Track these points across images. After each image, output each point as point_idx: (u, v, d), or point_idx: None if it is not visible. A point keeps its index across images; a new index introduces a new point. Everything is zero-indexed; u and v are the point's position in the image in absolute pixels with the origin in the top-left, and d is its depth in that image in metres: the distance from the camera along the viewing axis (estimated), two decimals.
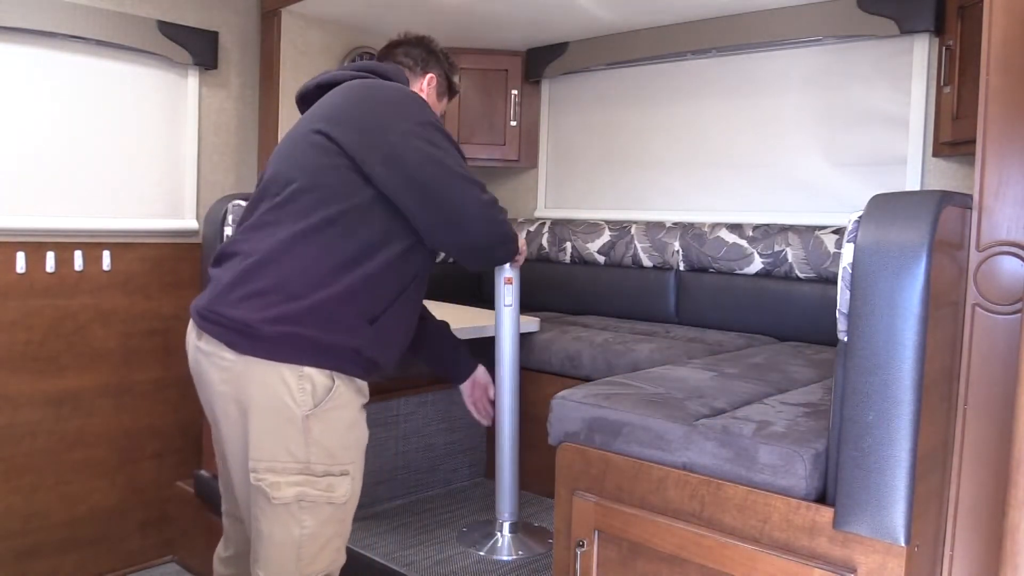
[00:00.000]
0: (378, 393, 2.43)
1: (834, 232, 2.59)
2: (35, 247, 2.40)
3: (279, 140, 1.79)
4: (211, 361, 1.46)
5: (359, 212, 1.48)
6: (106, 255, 2.56)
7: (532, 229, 3.39)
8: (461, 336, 2.20)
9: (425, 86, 1.80)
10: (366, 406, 1.59)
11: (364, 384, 1.57)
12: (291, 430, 1.42)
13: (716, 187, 3.00)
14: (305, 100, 1.69)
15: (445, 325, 2.05)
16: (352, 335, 1.47)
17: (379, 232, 1.49)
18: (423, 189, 1.49)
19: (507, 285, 2.15)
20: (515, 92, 3.44)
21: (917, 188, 2.52)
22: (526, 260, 2.23)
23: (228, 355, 1.42)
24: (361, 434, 1.57)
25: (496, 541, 2.22)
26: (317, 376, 1.44)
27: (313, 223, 1.44)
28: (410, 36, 1.85)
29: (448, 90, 1.87)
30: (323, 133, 1.49)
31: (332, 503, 1.48)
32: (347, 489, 1.51)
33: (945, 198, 1.29)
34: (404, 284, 1.56)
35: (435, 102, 1.82)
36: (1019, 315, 1.33)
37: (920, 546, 1.33)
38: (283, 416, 1.42)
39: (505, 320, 2.17)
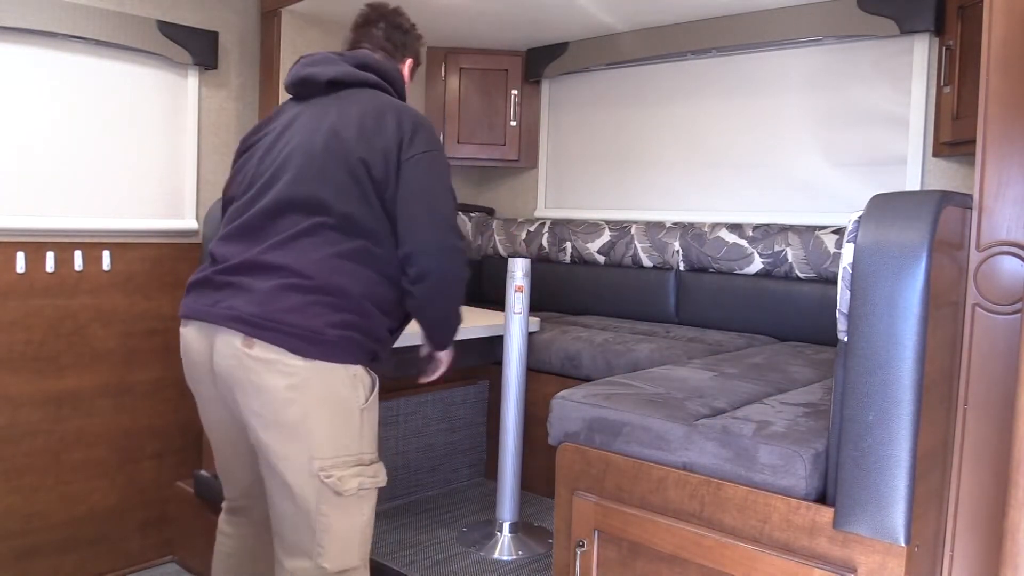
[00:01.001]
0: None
1: (834, 232, 2.59)
2: (35, 247, 2.40)
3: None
4: (272, 368, 1.47)
5: (386, 238, 1.58)
6: (106, 255, 2.55)
7: (532, 229, 3.39)
8: (470, 335, 2.34)
9: (405, 71, 1.85)
10: None
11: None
12: (350, 425, 1.53)
13: (716, 187, 3.00)
14: (307, 87, 1.68)
15: None
16: (379, 344, 1.60)
17: (395, 255, 1.60)
18: (408, 205, 1.57)
19: (518, 293, 2.19)
20: (515, 92, 3.44)
21: (917, 188, 2.52)
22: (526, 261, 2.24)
23: (294, 361, 1.47)
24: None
25: (496, 541, 2.23)
26: (362, 373, 1.56)
27: (354, 247, 1.54)
28: (386, 9, 1.84)
29: (416, 65, 1.92)
30: (364, 162, 1.55)
31: (378, 487, 1.60)
32: (384, 473, 1.61)
33: (945, 198, 1.29)
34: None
35: (408, 81, 1.89)
36: (1019, 315, 1.33)
37: (920, 546, 1.33)
38: (345, 413, 1.52)
39: (514, 326, 2.21)
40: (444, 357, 1.89)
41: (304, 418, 1.48)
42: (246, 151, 1.72)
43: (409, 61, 1.86)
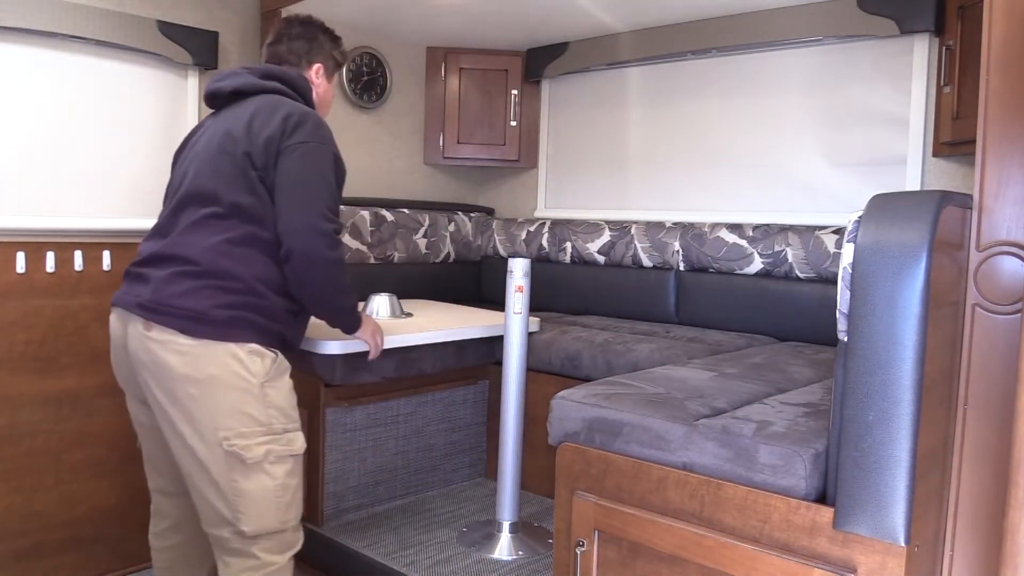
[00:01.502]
0: (378, 393, 2.44)
1: (834, 232, 2.59)
2: (35, 247, 2.40)
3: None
4: (168, 348, 1.63)
5: (274, 224, 1.70)
6: (106, 255, 2.55)
7: (532, 229, 3.39)
8: (469, 336, 2.42)
9: (314, 77, 1.96)
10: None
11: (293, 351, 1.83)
12: (251, 398, 1.65)
13: (716, 187, 3.00)
14: (216, 99, 1.85)
15: None
16: (281, 324, 1.72)
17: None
18: (282, 190, 1.69)
19: (518, 293, 2.19)
20: (515, 92, 3.44)
21: (917, 188, 2.52)
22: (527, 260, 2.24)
23: (185, 340, 1.62)
24: (295, 397, 1.78)
25: (496, 541, 2.23)
26: (260, 350, 1.67)
27: (243, 233, 1.68)
28: (293, 24, 1.97)
29: (336, 66, 2.03)
30: (248, 155, 1.69)
31: (293, 455, 1.71)
32: (301, 442, 1.74)
33: (945, 198, 1.29)
34: None
35: (326, 86, 2.00)
36: (1019, 315, 1.33)
37: (920, 546, 1.33)
38: (242, 386, 1.64)
39: (514, 327, 2.21)
40: (366, 338, 2.00)
41: (201, 393, 1.62)
42: (176, 163, 1.91)
43: (317, 66, 1.96)
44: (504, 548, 2.20)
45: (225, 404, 1.62)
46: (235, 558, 1.70)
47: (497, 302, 3.30)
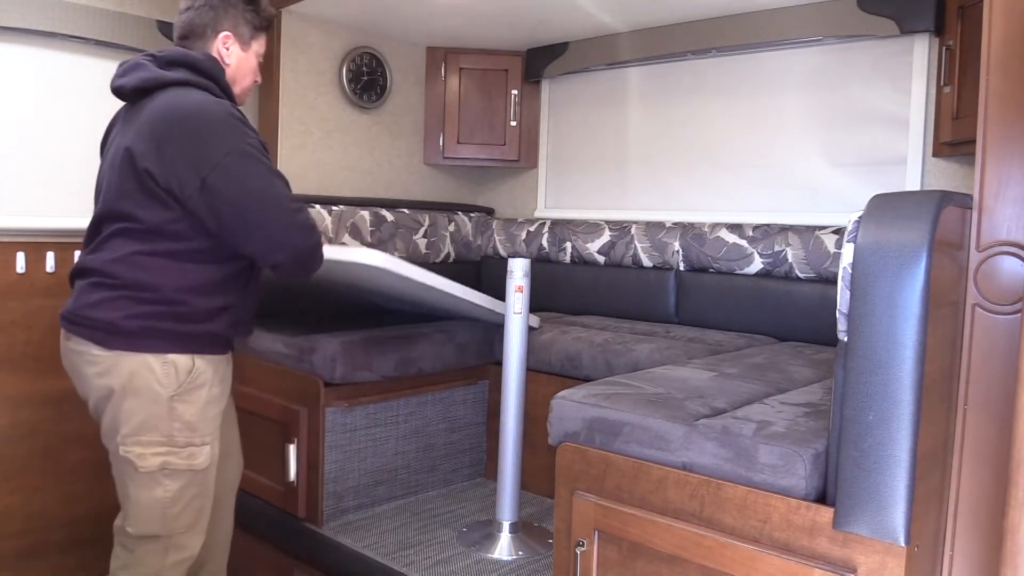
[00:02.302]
0: (378, 393, 2.44)
1: (834, 232, 2.59)
2: (35, 247, 2.40)
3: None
4: (83, 359, 1.66)
5: (195, 235, 1.62)
6: None
7: (532, 229, 3.39)
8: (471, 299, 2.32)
9: (221, 48, 1.74)
10: (233, 374, 1.84)
11: (225, 358, 1.77)
12: (157, 409, 1.63)
13: (716, 187, 3.00)
14: (122, 96, 1.71)
15: None
16: (209, 322, 1.67)
17: (207, 243, 1.64)
18: (239, 219, 1.59)
19: (518, 293, 2.19)
20: (515, 92, 3.44)
21: (917, 188, 2.52)
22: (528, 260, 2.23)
23: (97, 351, 1.63)
24: (217, 407, 1.74)
25: (496, 541, 2.23)
26: (180, 360, 1.64)
27: (158, 247, 1.62)
28: None
29: (255, 28, 1.78)
30: (148, 173, 1.58)
31: (193, 469, 1.69)
32: (207, 456, 1.71)
33: (945, 198, 1.29)
34: (246, 275, 1.74)
35: (240, 55, 1.77)
36: (1019, 315, 1.33)
37: (920, 546, 1.33)
38: (150, 398, 1.63)
39: (514, 326, 2.21)
40: None
41: (110, 400, 1.64)
42: (101, 156, 1.82)
43: (224, 35, 1.73)
44: (504, 548, 2.20)
45: (130, 412, 1.62)
46: (120, 549, 1.74)
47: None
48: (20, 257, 2.37)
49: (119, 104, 1.67)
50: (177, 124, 1.58)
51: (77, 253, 2.48)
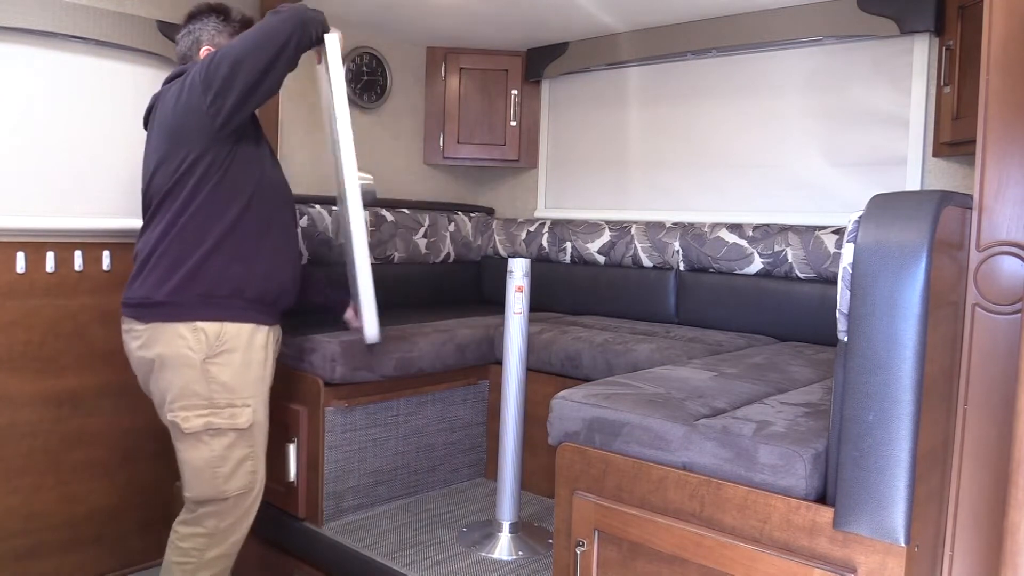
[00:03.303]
0: (378, 393, 2.44)
1: (834, 232, 2.59)
2: (35, 247, 2.40)
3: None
4: (130, 335, 1.89)
5: (194, 191, 1.82)
6: (106, 255, 2.55)
7: (532, 229, 3.39)
8: None
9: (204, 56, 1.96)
10: (279, 350, 2.04)
11: (261, 328, 1.92)
12: (192, 373, 1.81)
13: (716, 187, 3.00)
14: (147, 122, 2.02)
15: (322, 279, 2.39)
16: (234, 288, 1.84)
17: (214, 197, 1.83)
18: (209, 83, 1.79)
19: (518, 293, 2.19)
20: (515, 92, 3.44)
21: (917, 188, 2.52)
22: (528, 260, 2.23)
23: (138, 326, 1.86)
24: (256, 372, 1.90)
25: (496, 541, 2.23)
26: (209, 327, 1.82)
27: (170, 218, 1.83)
28: (186, 21, 2.04)
29: (231, 34, 2.00)
30: (161, 158, 1.85)
31: (236, 428, 1.85)
32: (248, 416, 1.87)
33: (945, 198, 1.29)
34: (263, 222, 1.91)
35: None
36: (1019, 315, 1.33)
37: (920, 546, 1.33)
38: (185, 363, 1.81)
39: (514, 326, 2.21)
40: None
41: (153, 369, 1.85)
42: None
43: (204, 49, 1.98)
44: (504, 548, 2.20)
45: (171, 379, 1.82)
46: (183, 511, 1.93)
47: (497, 302, 3.30)
48: (20, 257, 2.37)
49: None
50: (168, 95, 1.89)
51: (77, 253, 2.49)
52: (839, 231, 2.59)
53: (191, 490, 1.88)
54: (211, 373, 1.82)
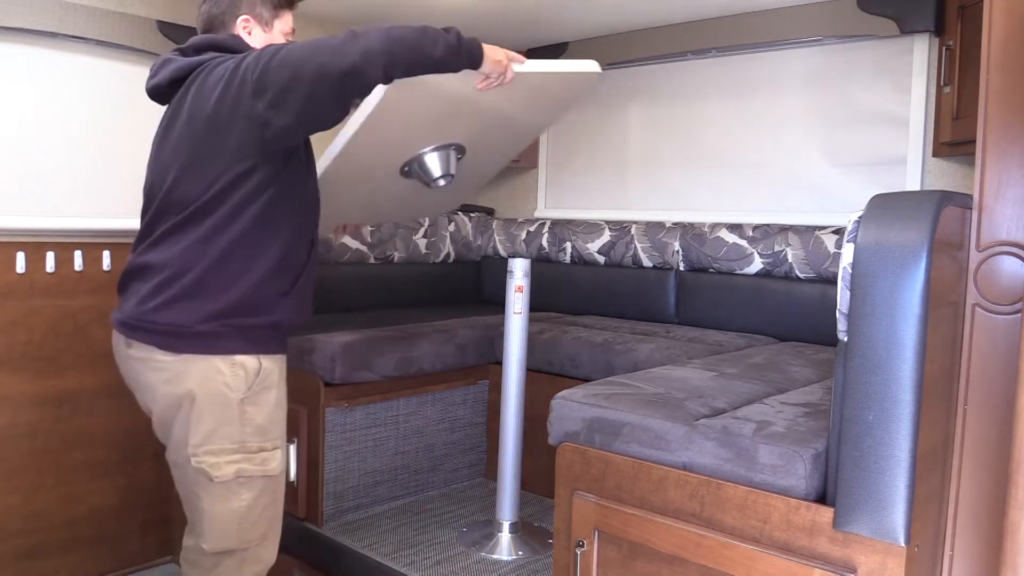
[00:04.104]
0: (378, 393, 2.44)
1: (834, 232, 2.59)
2: (35, 247, 2.40)
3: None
4: (147, 365, 1.58)
5: (240, 207, 1.54)
6: (106, 255, 2.55)
7: (532, 229, 3.39)
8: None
9: (242, 33, 1.69)
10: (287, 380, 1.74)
11: (284, 356, 1.69)
12: (228, 414, 1.56)
13: (716, 187, 3.00)
14: (159, 95, 1.67)
15: None
16: (272, 313, 1.60)
17: (263, 221, 1.56)
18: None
19: (518, 293, 2.19)
20: None
21: (917, 188, 2.52)
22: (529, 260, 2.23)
23: (163, 357, 1.55)
24: (283, 410, 1.69)
25: (496, 541, 2.23)
26: (248, 361, 1.58)
27: (204, 235, 1.53)
28: None
29: (275, 6, 1.71)
30: (190, 157, 1.54)
31: (266, 475, 1.62)
32: (279, 461, 1.65)
33: (945, 198, 1.29)
34: (306, 250, 1.67)
35: (264, 37, 1.70)
36: (1019, 315, 1.33)
37: (920, 546, 1.33)
38: (220, 402, 1.56)
39: (514, 326, 2.21)
40: (488, 60, 1.65)
41: (179, 409, 1.56)
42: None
43: (243, 18, 1.68)
44: (504, 548, 2.20)
45: (201, 420, 1.55)
46: (191, 569, 1.68)
47: (497, 302, 3.30)
48: (20, 257, 2.37)
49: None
50: (201, 107, 1.54)
51: (78, 253, 2.49)
52: (839, 231, 2.59)
53: (212, 543, 1.62)
54: (248, 414, 1.58)
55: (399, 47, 1.50)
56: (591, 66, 1.88)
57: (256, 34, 1.69)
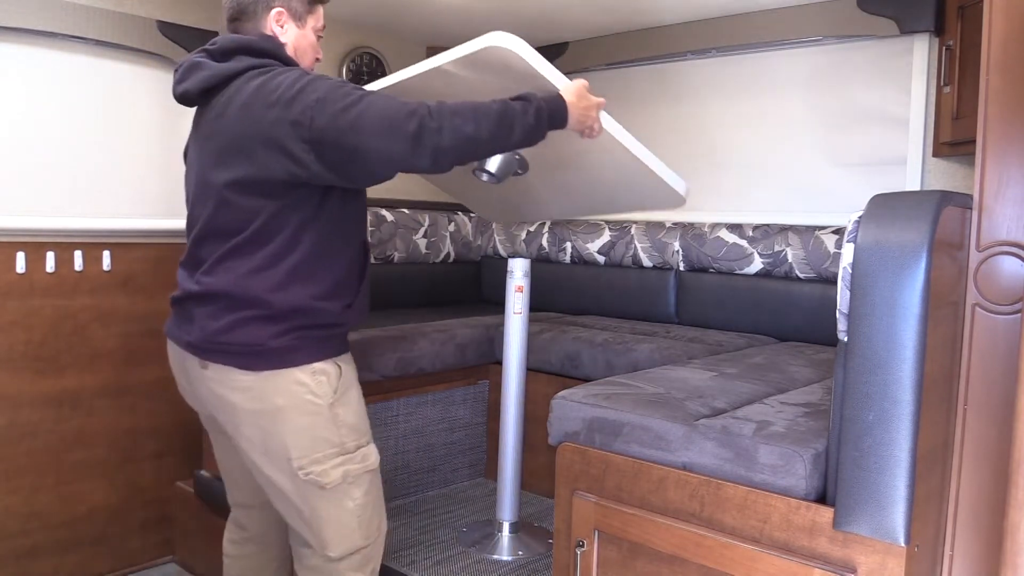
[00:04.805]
0: (378, 393, 2.43)
1: (834, 232, 2.59)
2: (35, 247, 2.40)
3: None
4: (227, 387, 1.54)
5: (300, 230, 1.51)
6: (106, 255, 2.55)
7: (532, 229, 3.39)
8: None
9: (275, 26, 1.60)
10: None
11: (350, 353, 1.68)
12: (321, 421, 1.55)
13: (716, 187, 3.00)
14: (188, 101, 1.61)
15: None
16: (342, 321, 1.60)
17: (325, 234, 1.54)
18: (350, 152, 1.42)
19: (518, 293, 2.19)
20: None
21: (917, 188, 2.52)
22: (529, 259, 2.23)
23: (243, 376, 1.52)
24: (364, 404, 1.68)
25: (496, 541, 2.23)
26: (327, 367, 1.56)
27: (268, 259, 1.50)
28: None
29: (309, 1, 1.64)
30: (237, 182, 1.48)
31: (368, 470, 1.62)
32: (376, 454, 1.64)
33: (945, 198, 1.29)
34: (366, 255, 1.66)
35: (297, 32, 1.63)
36: (1019, 315, 1.33)
37: (920, 546, 1.33)
38: (311, 411, 1.54)
39: (514, 326, 2.21)
40: (574, 116, 1.73)
41: (271, 426, 1.53)
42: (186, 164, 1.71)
43: (277, 11, 1.58)
44: (504, 548, 2.20)
45: (297, 432, 1.53)
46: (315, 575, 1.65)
47: (497, 302, 3.29)
48: (20, 257, 2.37)
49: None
50: (255, 111, 1.46)
51: (77, 253, 2.49)
52: (839, 231, 2.59)
53: (337, 547, 1.60)
54: (340, 417, 1.57)
55: (471, 146, 1.48)
56: (680, 187, 2.00)
57: (289, 29, 1.62)
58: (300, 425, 1.53)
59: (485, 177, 1.86)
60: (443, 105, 1.46)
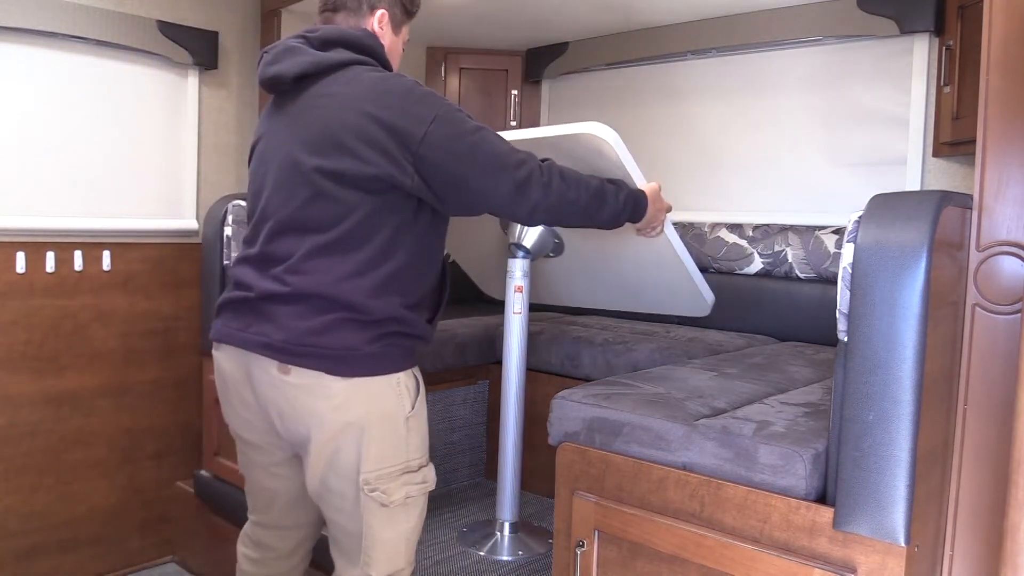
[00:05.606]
0: None
1: (834, 232, 2.59)
2: (35, 247, 2.40)
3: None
4: (313, 393, 1.45)
5: (397, 236, 1.47)
6: (106, 255, 2.56)
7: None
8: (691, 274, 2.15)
9: (376, 28, 1.59)
10: None
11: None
12: (395, 435, 1.50)
13: (716, 187, 3.00)
14: (279, 85, 1.54)
15: None
16: (422, 332, 1.55)
17: (418, 245, 1.51)
18: (458, 190, 1.46)
19: (518, 293, 2.19)
20: (515, 92, 3.44)
21: (917, 188, 2.52)
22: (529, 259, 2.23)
23: (335, 383, 1.44)
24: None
25: (496, 541, 2.22)
26: (406, 379, 1.52)
27: (362, 264, 1.44)
28: None
29: (406, 13, 1.67)
30: (334, 173, 1.42)
31: (425, 492, 1.56)
32: (434, 475, 1.58)
33: (945, 198, 1.29)
34: (447, 277, 1.64)
35: (392, 38, 1.64)
36: (1019, 315, 1.33)
37: (920, 546, 1.33)
38: (391, 425, 1.49)
39: (514, 326, 2.21)
40: (647, 214, 1.74)
41: (348, 437, 1.46)
42: (252, 157, 1.64)
43: (380, 13, 1.59)
44: (504, 548, 2.20)
45: (372, 446, 1.47)
46: None
47: (497, 302, 3.29)
48: (20, 257, 2.37)
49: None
50: (367, 119, 1.41)
51: (77, 253, 2.49)
52: (839, 231, 2.59)
53: (381, 568, 1.53)
54: (412, 431, 1.52)
55: (567, 210, 1.54)
56: (709, 298, 2.11)
57: (387, 34, 1.62)
58: (376, 437, 1.47)
59: (521, 254, 1.85)
60: (552, 164, 1.50)
